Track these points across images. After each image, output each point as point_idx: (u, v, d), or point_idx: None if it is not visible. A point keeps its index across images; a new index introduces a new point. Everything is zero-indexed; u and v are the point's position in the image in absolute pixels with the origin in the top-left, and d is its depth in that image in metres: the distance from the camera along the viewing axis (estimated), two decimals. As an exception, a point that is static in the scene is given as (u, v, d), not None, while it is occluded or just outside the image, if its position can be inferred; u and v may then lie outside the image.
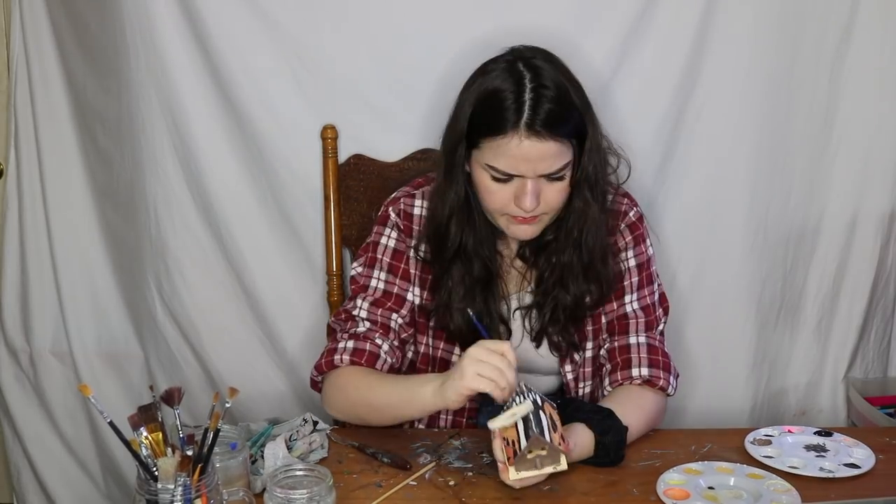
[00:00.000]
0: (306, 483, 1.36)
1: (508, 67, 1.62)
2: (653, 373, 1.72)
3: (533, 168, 1.59)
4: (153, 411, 1.31)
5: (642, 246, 1.79)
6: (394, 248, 1.77)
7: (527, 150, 1.57)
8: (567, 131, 1.60)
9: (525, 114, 1.57)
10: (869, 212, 2.12)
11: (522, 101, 1.57)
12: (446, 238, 1.71)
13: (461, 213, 1.70)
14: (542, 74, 1.61)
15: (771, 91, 2.03)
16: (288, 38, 1.98)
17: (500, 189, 1.62)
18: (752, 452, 1.63)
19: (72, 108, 2.18)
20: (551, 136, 1.57)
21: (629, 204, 1.79)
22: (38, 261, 2.26)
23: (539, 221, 1.66)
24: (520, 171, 1.59)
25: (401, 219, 1.77)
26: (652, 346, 1.75)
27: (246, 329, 2.17)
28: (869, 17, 2.01)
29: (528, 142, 1.57)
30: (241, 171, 2.07)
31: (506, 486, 1.51)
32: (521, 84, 1.59)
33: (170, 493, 1.24)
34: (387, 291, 1.76)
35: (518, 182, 1.61)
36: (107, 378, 2.27)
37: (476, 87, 1.64)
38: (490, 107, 1.60)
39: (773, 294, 2.14)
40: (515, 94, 1.58)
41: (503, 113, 1.58)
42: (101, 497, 2.38)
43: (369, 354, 1.71)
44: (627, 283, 1.77)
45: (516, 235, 1.70)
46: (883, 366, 2.26)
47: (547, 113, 1.57)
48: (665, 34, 1.98)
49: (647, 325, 1.77)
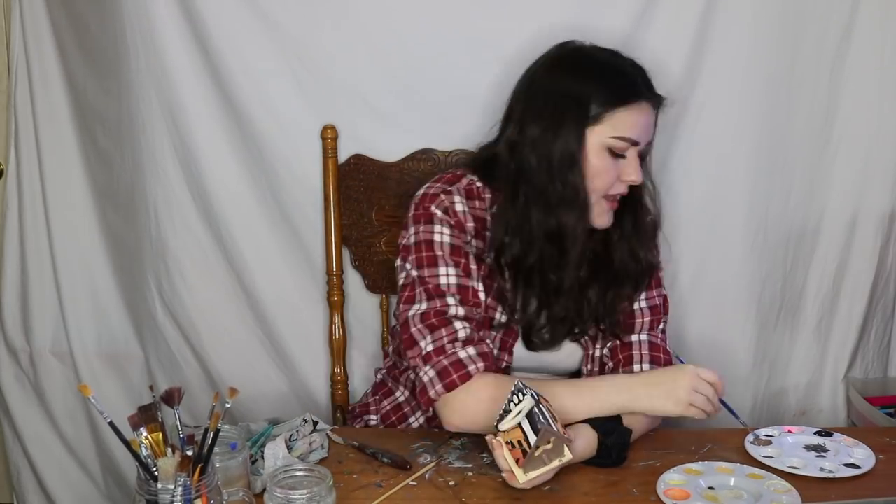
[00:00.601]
0: (306, 483, 1.36)
1: (602, 51, 1.69)
2: (654, 369, 1.73)
3: (646, 136, 1.67)
4: (153, 411, 1.31)
5: (655, 251, 1.81)
6: (451, 244, 1.68)
7: (648, 119, 1.66)
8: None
9: (645, 82, 1.66)
10: (869, 212, 2.12)
11: (637, 71, 1.67)
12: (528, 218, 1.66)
13: (552, 195, 1.65)
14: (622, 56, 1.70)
15: (771, 91, 2.03)
16: (288, 38, 1.98)
17: (613, 167, 1.65)
18: (751, 452, 1.63)
19: (72, 109, 2.18)
20: (658, 105, 1.68)
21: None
22: (38, 261, 2.26)
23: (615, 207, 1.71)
24: (640, 137, 1.65)
25: (449, 215, 1.69)
26: (654, 343, 1.77)
27: (246, 329, 2.17)
28: (869, 17, 2.01)
29: (649, 108, 1.66)
30: (241, 171, 2.07)
31: (506, 486, 1.51)
32: (625, 59, 1.68)
33: (170, 493, 1.24)
34: (461, 286, 1.67)
35: (627, 157, 1.65)
36: (107, 378, 2.27)
37: (600, 71, 1.66)
38: (621, 79, 1.65)
39: (773, 294, 2.14)
40: (637, 69, 1.67)
41: (636, 86, 1.65)
42: (101, 497, 2.38)
43: (489, 355, 1.65)
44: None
45: (601, 223, 1.70)
46: (883, 366, 2.26)
47: (655, 87, 1.68)
48: (665, 34, 1.98)
49: (651, 324, 1.78)
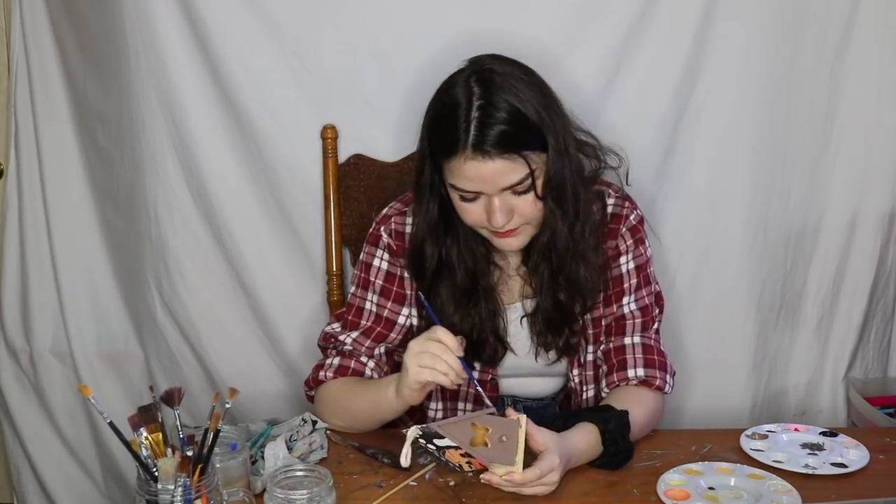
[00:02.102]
0: (306, 483, 1.36)
1: (464, 83, 1.60)
2: (649, 373, 1.72)
3: (491, 185, 1.57)
4: (153, 411, 1.31)
5: (641, 248, 1.77)
6: (386, 270, 1.76)
7: (479, 170, 1.56)
8: (518, 147, 1.56)
9: (472, 135, 1.55)
10: (869, 212, 2.12)
11: (469, 121, 1.55)
12: (423, 258, 1.70)
13: (436, 230, 1.69)
14: (492, 90, 1.57)
15: (771, 91, 2.03)
16: (288, 37, 1.98)
17: (471, 207, 1.62)
18: (742, 445, 1.65)
19: (72, 108, 2.18)
20: (499, 154, 1.55)
21: (630, 207, 1.78)
22: (38, 261, 2.26)
23: (521, 233, 1.65)
24: (479, 189, 1.58)
25: (393, 239, 1.76)
26: (647, 345, 1.75)
27: (246, 329, 2.17)
28: (869, 17, 2.01)
29: (476, 162, 1.55)
30: (241, 171, 2.07)
31: (506, 486, 1.52)
32: (470, 102, 1.57)
33: (170, 493, 1.24)
34: (378, 315, 1.76)
35: (485, 198, 1.60)
36: (107, 378, 2.27)
37: (433, 106, 1.64)
38: (442, 128, 1.60)
39: (773, 294, 2.14)
40: (465, 112, 1.56)
41: (453, 133, 1.56)
42: (101, 497, 2.38)
43: (353, 371, 1.73)
44: (626, 285, 1.76)
45: (502, 248, 1.69)
46: (883, 366, 2.26)
47: (496, 134, 1.54)
48: (665, 34, 1.98)
49: (643, 325, 1.76)
